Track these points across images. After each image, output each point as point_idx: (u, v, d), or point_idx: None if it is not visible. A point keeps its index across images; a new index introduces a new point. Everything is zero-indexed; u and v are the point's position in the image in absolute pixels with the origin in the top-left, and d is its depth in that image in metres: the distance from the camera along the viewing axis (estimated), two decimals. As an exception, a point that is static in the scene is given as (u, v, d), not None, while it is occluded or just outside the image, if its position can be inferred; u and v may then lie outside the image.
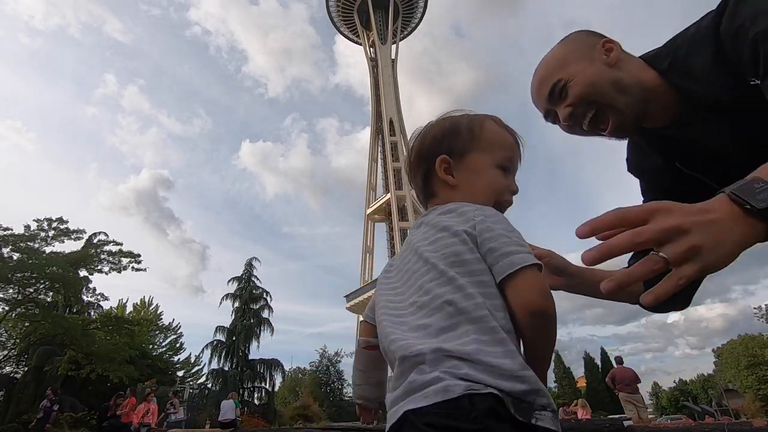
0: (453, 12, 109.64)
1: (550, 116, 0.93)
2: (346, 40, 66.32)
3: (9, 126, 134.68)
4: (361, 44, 62.21)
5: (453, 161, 0.81)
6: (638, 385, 9.41)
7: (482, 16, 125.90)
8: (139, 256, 16.19)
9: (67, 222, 15.27)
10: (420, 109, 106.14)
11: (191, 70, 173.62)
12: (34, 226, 14.78)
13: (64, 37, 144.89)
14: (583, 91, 0.86)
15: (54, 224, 15.04)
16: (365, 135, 59.21)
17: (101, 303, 20.91)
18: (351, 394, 36.56)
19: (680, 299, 0.93)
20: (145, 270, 16.32)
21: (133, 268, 15.96)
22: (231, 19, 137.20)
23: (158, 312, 31.90)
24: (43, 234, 14.81)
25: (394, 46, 60.10)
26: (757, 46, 0.66)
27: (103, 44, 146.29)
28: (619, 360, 10.13)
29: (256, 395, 26.70)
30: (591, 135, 0.92)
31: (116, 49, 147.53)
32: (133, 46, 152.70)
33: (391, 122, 55.31)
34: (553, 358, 0.79)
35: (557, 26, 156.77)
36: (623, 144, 1.04)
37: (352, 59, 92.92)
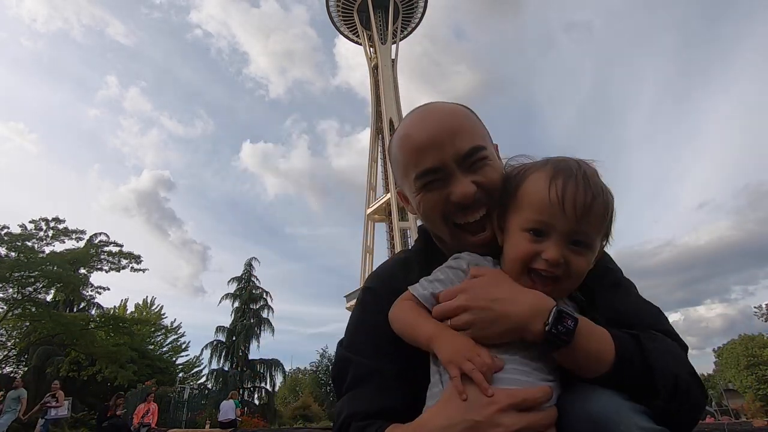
0: (453, 14, 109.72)
1: (440, 173, 0.77)
2: (347, 42, 66.39)
3: (12, 128, 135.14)
4: (361, 44, 62.23)
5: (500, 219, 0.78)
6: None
7: (482, 18, 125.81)
8: (139, 257, 16.22)
9: (64, 222, 15.27)
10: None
11: (192, 72, 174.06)
12: (31, 226, 14.77)
13: (66, 40, 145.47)
14: (497, 182, 0.78)
15: (51, 224, 15.03)
16: (366, 136, 59.24)
17: (101, 299, 20.90)
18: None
19: None
20: (144, 271, 16.31)
21: (132, 268, 15.94)
22: (232, 22, 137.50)
23: (160, 312, 31.93)
24: (41, 234, 14.79)
25: (394, 46, 60.11)
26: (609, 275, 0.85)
27: (105, 47, 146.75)
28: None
29: (256, 395, 26.70)
30: (449, 230, 0.81)
31: (118, 52, 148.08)
32: (134, 49, 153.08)
33: (391, 122, 55.29)
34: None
35: (557, 29, 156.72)
36: (623, 146, 1.01)
37: (353, 61, 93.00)
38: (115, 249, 16.15)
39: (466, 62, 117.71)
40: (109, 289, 18.43)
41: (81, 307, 20.82)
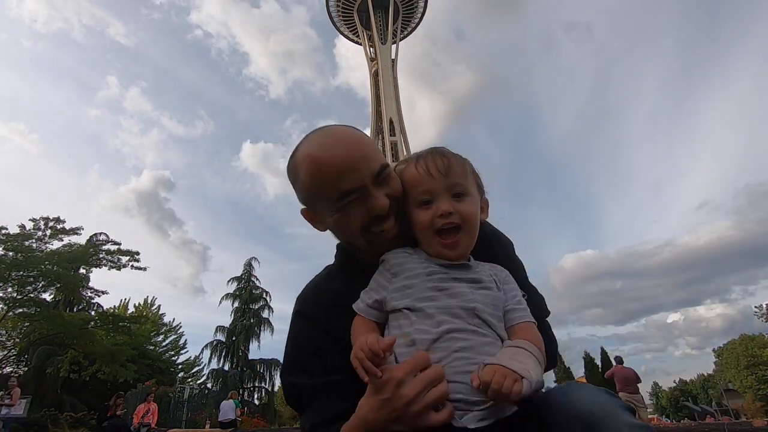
0: (453, 15, 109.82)
1: (359, 192, 0.85)
2: (347, 42, 66.40)
3: (12, 128, 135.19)
4: (361, 44, 62.24)
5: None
6: (638, 385, 9.40)
7: (482, 19, 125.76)
8: (137, 254, 16.17)
9: (64, 222, 15.27)
10: (420, 112, 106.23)
11: (192, 73, 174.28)
12: (30, 225, 14.77)
13: (66, 40, 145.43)
14: (400, 188, 0.90)
15: (51, 224, 15.03)
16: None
17: (100, 298, 20.91)
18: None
19: None
20: (144, 269, 16.29)
21: (132, 266, 15.92)
22: (232, 22, 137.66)
23: (159, 312, 31.99)
24: (39, 233, 14.79)
25: (394, 46, 60.10)
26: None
27: (105, 47, 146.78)
28: (619, 360, 10.12)
29: (256, 395, 26.70)
30: (366, 238, 0.89)
31: (118, 52, 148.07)
32: (135, 49, 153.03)
33: (391, 122, 55.30)
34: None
35: (557, 29, 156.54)
36: (623, 147, 1.07)
37: (353, 61, 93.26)
38: (113, 247, 16.16)
39: (467, 62, 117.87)
40: (108, 292, 18.49)
41: (81, 307, 20.85)
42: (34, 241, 14.55)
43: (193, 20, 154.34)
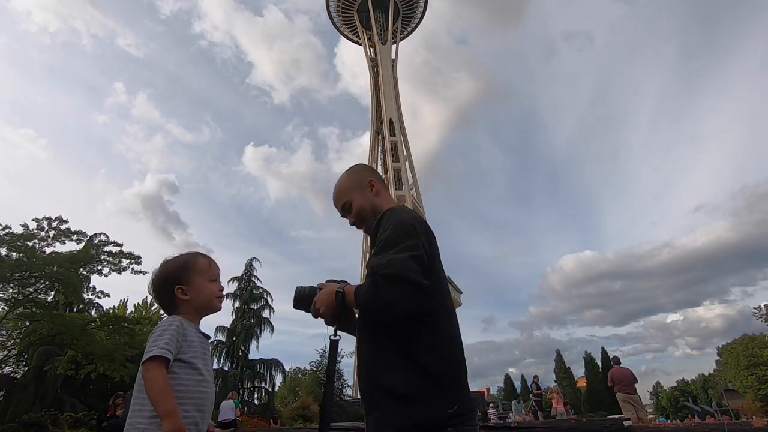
0: (454, 21, 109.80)
1: (344, 213, 1.57)
2: (348, 50, 66.83)
3: (22, 134, 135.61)
4: (361, 44, 62.25)
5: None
6: (635, 385, 9.41)
7: (484, 27, 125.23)
8: (139, 257, 16.14)
9: (67, 222, 15.25)
10: (424, 119, 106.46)
11: (198, 81, 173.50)
12: (33, 225, 14.76)
13: (75, 49, 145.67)
14: (356, 211, 1.53)
15: (54, 224, 15.02)
16: (367, 140, 59.19)
17: (102, 301, 20.89)
18: (351, 394, 36.52)
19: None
20: (145, 273, 16.24)
21: (133, 270, 15.90)
22: (236, 32, 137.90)
23: (160, 312, 31.95)
24: (42, 234, 14.78)
25: (394, 47, 60.15)
26: (379, 237, 1.32)
27: (113, 56, 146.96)
28: (616, 360, 10.14)
29: (256, 395, 26.72)
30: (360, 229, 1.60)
31: (125, 61, 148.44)
32: (142, 59, 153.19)
33: (390, 122, 55.32)
34: (553, 357, 0.97)
35: (558, 38, 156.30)
36: (622, 149, 1.20)
37: (356, 68, 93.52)
38: (115, 249, 16.15)
39: (468, 70, 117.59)
40: (109, 295, 18.45)
41: (80, 307, 20.85)
42: (37, 241, 14.55)
43: (197, 30, 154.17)
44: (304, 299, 1.34)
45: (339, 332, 1.32)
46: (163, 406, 1.19)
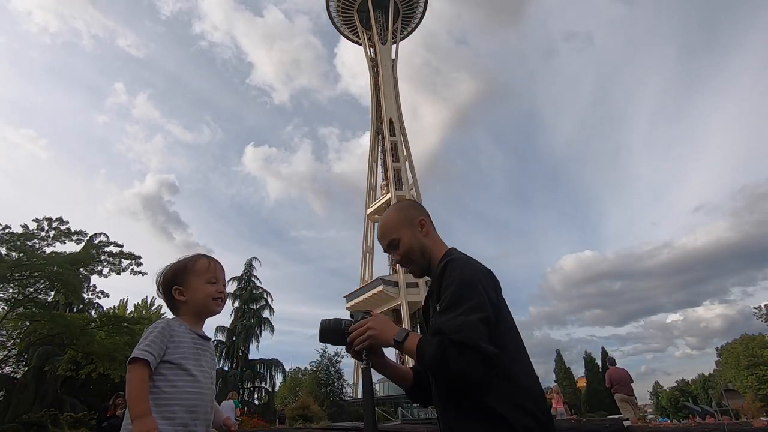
0: (454, 21, 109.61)
1: (389, 251, 1.49)
2: (348, 51, 66.68)
3: (23, 134, 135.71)
4: (361, 44, 62.24)
5: None
6: (632, 385, 9.46)
7: (483, 26, 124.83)
8: (139, 258, 16.10)
9: (67, 222, 15.25)
10: (424, 119, 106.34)
11: (198, 81, 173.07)
12: (33, 225, 14.76)
13: (75, 49, 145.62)
14: (403, 251, 1.46)
15: (54, 224, 15.02)
16: (367, 140, 59.18)
17: (101, 301, 20.90)
18: (351, 394, 36.53)
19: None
20: (145, 274, 16.18)
21: (132, 270, 15.87)
22: (236, 32, 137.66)
23: (160, 312, 31.97)
24: (42, 234, 14.78)
25: (394, 47, 60.14)
26: (443, 296, 1.24)
27: (113, 56, 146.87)
28: (612, 361, 10.21)
29: (256, 395, 26.74)
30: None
31: (126, 61, 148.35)
32: (143, 59, 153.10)
33: (391, 122, 55.33)
34: (553, 357, 0.99)
35: (558, 38, 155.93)
36: (622, 150, 1.23)
37: (357, 68, 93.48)
38: (115, 249, 16.13)
39: (468, 70, 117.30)
40: (109, 295, 18.44)
41: (80, 308, 20.85)
42: (37, 241, 14.55)
43: (197, 30, 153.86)
44: (330, 332, 1.33)
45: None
46: (134, 408, 1.21)
